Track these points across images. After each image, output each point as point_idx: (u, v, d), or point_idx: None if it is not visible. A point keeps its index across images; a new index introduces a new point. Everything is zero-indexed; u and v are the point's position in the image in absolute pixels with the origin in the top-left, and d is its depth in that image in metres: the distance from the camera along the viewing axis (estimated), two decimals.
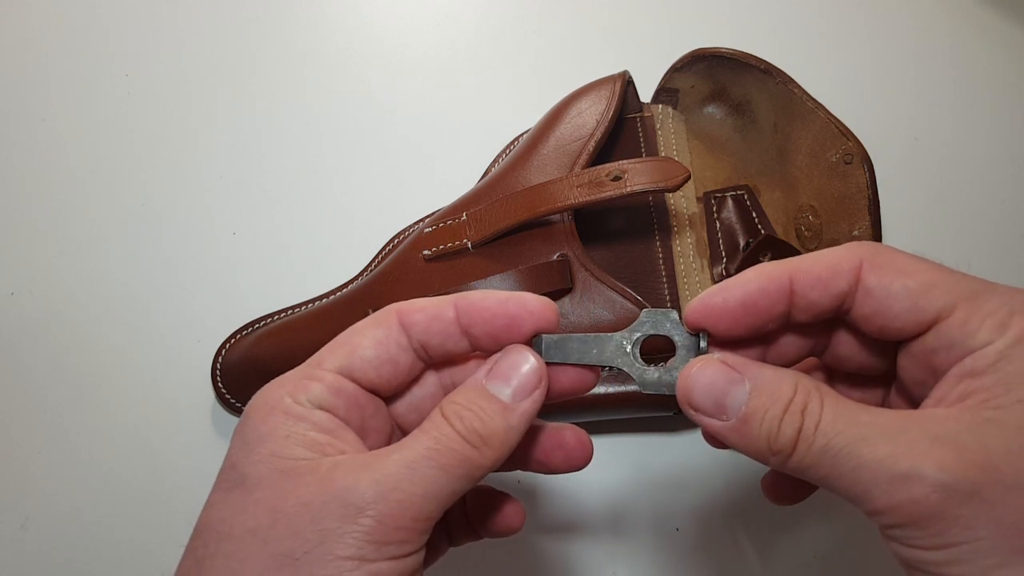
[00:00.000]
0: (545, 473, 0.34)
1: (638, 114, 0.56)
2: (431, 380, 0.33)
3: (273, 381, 0.30)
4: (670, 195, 0.54)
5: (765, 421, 0.27)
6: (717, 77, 0.55)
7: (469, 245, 0.49)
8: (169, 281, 0.56)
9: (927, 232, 0.60)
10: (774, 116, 0.53)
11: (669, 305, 0.51)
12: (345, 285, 0.54)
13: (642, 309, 0.30)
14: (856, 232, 0.48)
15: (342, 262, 0.56)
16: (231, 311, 0.54)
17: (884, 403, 0.33)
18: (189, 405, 0.53)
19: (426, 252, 0.50)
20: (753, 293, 0.29)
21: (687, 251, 0.53)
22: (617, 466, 0.52)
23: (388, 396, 0.32)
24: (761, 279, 0.29)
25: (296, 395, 0.29)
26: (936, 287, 0.27)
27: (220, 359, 0.51)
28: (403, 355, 0.31)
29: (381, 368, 0.30)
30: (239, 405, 0.51)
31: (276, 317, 0.53)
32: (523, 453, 0.34)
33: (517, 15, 0.66)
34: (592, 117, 0.51)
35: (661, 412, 0.50)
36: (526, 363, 0.30)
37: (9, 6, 0.63)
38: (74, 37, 0.63)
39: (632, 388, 0.48)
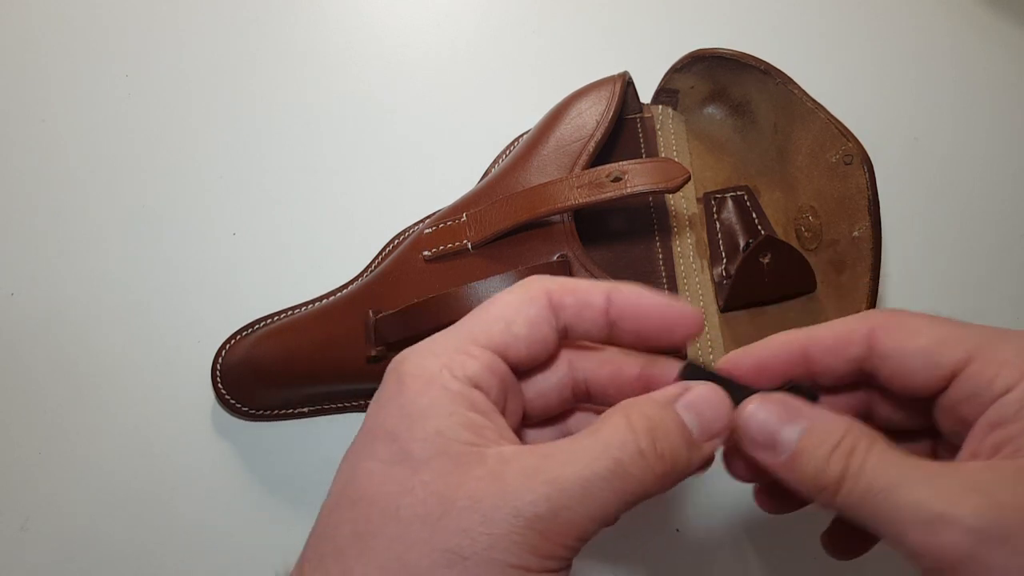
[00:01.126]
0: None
1: (638, 115, 0.56)
2: (562, 369, 0.32)
3: (423, 346, 0.29)
4: (670, 196, 0.54)
5: (815, 458, 0.28)
6: (717, 78, 0.54)
7: (469, 246, 0.49)
8: (169, 281, 0.56)
9: (927, 232, 0.60)
10: (774, 116, 0.53)
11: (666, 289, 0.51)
12: (345, 286, 0.54)
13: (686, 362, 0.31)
14: (856, 233, 0.48)
15: (342, 262, 0.55)
16: (231, 312, 0.54)
17: (933, 457, 0.34)
18: (189, 406, 0.53)
19: (426, 253, 0.49)
20: (767, 358, 0.31)
21: (687, 252, 0.53)
22: None
23: (525, 376, 0.32)
24: (774, 346, 0.31)
25: (453, 369, 0.28)
26: (947, 342, 0.28)
27: (220, 360, 0.51)
28: (552, 336, 0.30)
29: (533, 347, 0.30)
30: (239, 406, 0.51)
31: (276, 318, 0.53)
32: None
33: (517, 15, 0.66)
34: (592, 118, 0.51)
35: None
36: (719, 401, 0.29)
37: (9, 6, 0.63)
38: (74, 38, 0.62)
39: None
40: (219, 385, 0.51)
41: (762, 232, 0.53)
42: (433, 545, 0.25)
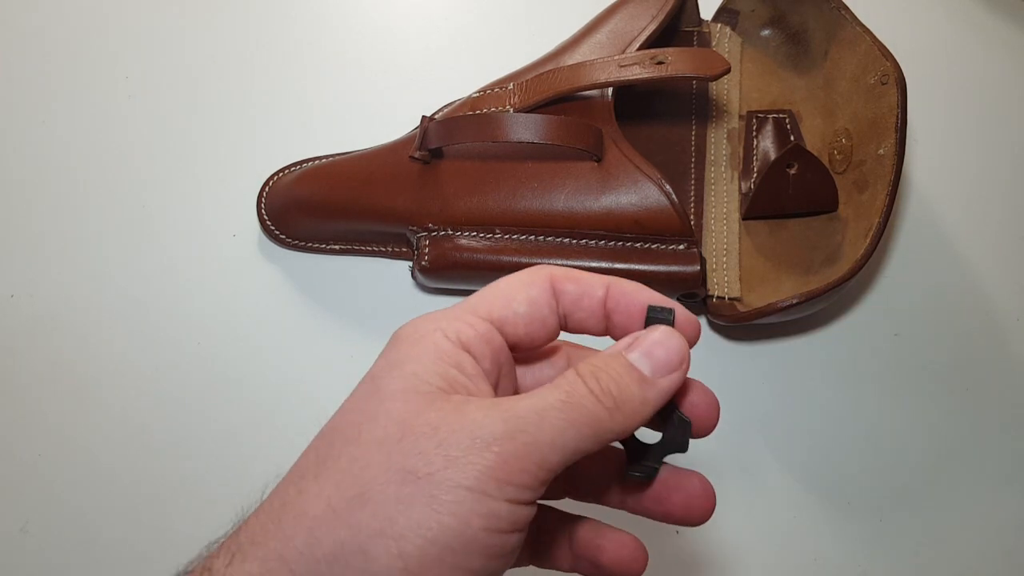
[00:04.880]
0: (654, 518, 0.33)
1: (696, 28, 0.57)
2: (561, 362, 0.34)
3: (425, 315, 0.31)
4: (714, 104, 0.56)
5: None
6: (777, 3, 0.56)
7: (512, 112, 0.51)
8: (169, 284, 0.55)
9: (927, 232, 0.58)
10: (826, 44, 0.55)
11: (693, 206, 0.53)
12: None
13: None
14: (881, 151, 0.49)
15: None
16: (231, 313, 0.54)
17: None
18: (189, 406, 0.52)
19: (471, 113, 0.52)
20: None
21: (720, 159, 0.55)
22: None
23: (523, 357, 0.33)
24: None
25: (447, 332, 0.29)
26: None
27: (267, 187, 0.55)
28: (551, 319, 0.32)
29: (531, 326, 0.31)
30: (279, 233, 0.54)
31: (321, 159, 0.55)
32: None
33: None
34: (648, 12, 0.54)
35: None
36: (671, 341, 0.30)
37: (9, 7, 0.63)
38: (74, 39, 0.62)
39: (636, 267, 0.49)
40: (263, 210, 0.54)
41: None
42: (389, 465, 0.26)
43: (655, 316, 0.31)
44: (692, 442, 0.32)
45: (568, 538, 0.34)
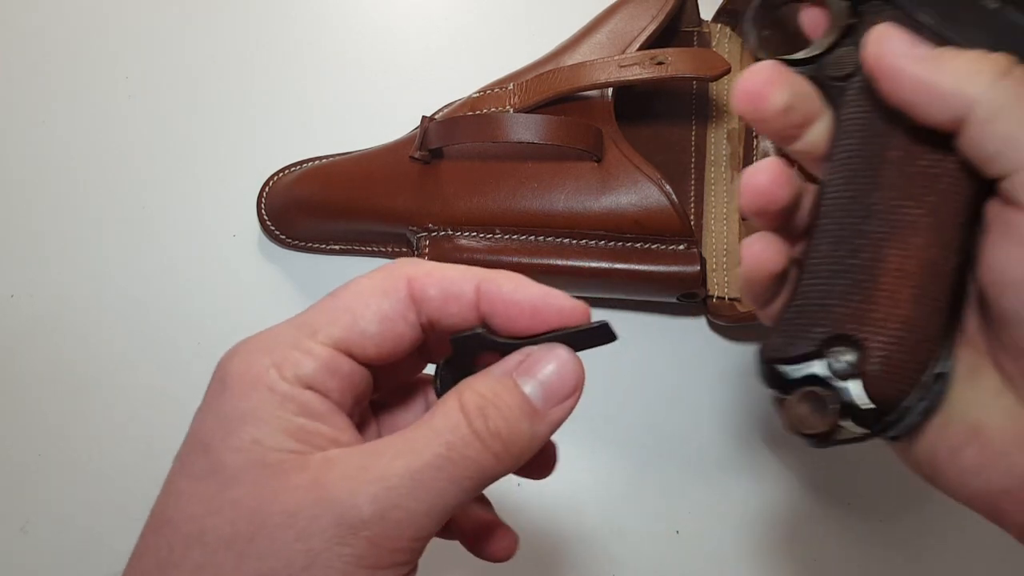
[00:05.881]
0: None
1: (696, 28, 0.57)
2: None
3: (255, 341, 0.26)
4: (714, 104, 0.55)
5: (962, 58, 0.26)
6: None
7: (511, 112, 0.51)
8: (169, 284, 0.55)
9: None
10: None
11: (693, 206, 0.52)
12: None
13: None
14: None
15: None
16: (231, 314, 0.54)
17: None
18: (189, 407, 0.50)
19: (470, 114, 0.52)
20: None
21: (720, 160, 0.54)
22: (616, 468, 0.51)
23: (379, 370, 0.29)
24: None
25: (283, 369, 0.25)
26: None
27: (267, 187, 0.55)
28: (409, 332, 0.27)
29: (383, 346, 0.27)
30: (279, 233, 0.54)
31: (321, 159, 0.55)
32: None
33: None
34: (648, 12, 0.53)
35: (664, 297, 0.50)
36: (567, 365, 0.27)
37: (9, 8, 0.63)
38: (74, 39, 0.62)
39: (635, 267, 0.48)
40: (263, 210, 0.54)
41: None
42: (243, 572, 0.23)
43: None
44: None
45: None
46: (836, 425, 0.28)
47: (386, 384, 0.30)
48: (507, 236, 0.49)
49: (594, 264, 0.48)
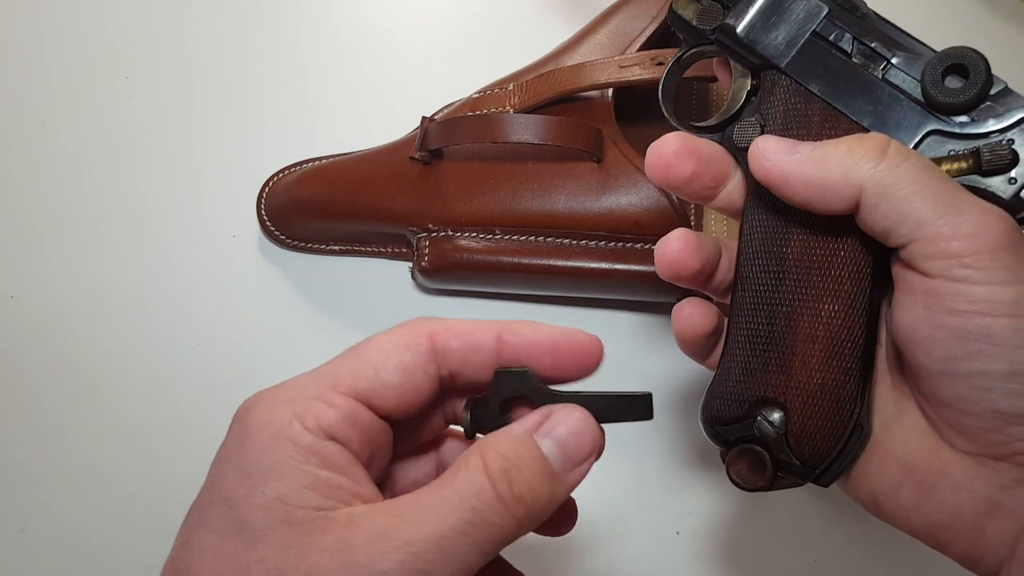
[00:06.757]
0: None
1: None
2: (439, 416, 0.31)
3: (276, 391, 0.27)
4: (714, 104, 0.55)
5: (841, 148, 0.29)
6: None
7: (512, 113, 0.51)
8: (169, 284, 0.55)
9: None
10: None
11: (692, 207, 0.52)
12: None
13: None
14: None
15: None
16: (231, 314, 0.54)
17: None
18: (189, 406, 0.52)
19: (471, 114, 0.52)
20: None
21: None
22: (616, 469, 0.50)
23: (399, 429, 0.29)
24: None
25: (305, 419, 0.25)
26: None
27: (267, 188, 0.55)
28: (429, 384, 0.28)
29: (403, 397, 0.27)
30: (279, 234, 0.54)
31: (321, 160, 0.55)
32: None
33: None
34: (648, 12, 0.53)
35: (664, 297, 0.50)
36: (585, 427, 0.27)
37: (9, 8, 0.63)
38: (74, 40, 0.62)
39: (636, 267, 0.49)
40: (263, 210, 0.54)
41: None
42: None
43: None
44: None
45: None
46: (773, 480, 0.31)
47: (405, 446, 0.30)
48: (507, 236, 0.49)
49: (594, 264, 0.48)
